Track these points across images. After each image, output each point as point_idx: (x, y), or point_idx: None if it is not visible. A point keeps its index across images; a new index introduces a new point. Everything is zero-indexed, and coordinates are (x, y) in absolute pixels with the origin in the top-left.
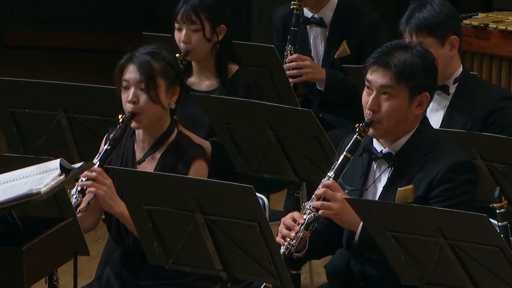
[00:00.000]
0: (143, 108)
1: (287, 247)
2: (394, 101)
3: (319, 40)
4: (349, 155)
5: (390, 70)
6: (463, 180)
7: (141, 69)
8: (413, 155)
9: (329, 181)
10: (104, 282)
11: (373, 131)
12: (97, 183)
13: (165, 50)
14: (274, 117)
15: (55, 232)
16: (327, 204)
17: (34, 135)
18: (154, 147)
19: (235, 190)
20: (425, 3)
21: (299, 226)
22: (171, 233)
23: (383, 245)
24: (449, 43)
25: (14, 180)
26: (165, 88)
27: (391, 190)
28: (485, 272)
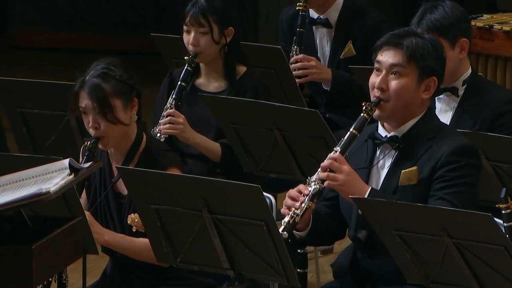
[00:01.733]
0: (105, 131)
1: (291, 215)
2: (403, 80)
3: (325, 41)
4: (355, 132)
5: (402, 49)
6: (466, 162)
7: (93, 95)
8: (418, 139)
9: (336, 155)
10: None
11: (380, 112)
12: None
13: (114, 67)
14: (281, 118)
15: (64, 231)
16: (332, 175)
17: (44, 135)
18: (127, 160)
19: (242, 189)
20: (437, 5)
21: (304, 197)
22: (179, 232)
23: (389, 244)
24: (459, 45)
25: (24, 180)
26: (122, 106)
27: (395, 172)
28: (489, 270)
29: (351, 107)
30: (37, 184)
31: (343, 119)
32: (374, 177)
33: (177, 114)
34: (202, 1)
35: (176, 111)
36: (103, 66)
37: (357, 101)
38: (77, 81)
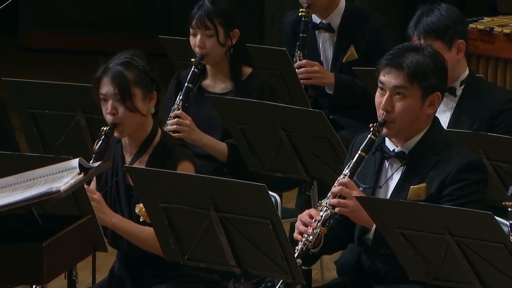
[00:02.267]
0: (123, 118)
1: (304, 243)
2: (407, 101)
3: (327, 45)
4: (363, 154)
5: (403, 71)
6: (474, 180)
7: (115, 81)
8: (425, 154)
9: (345, 179)
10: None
11: (387, 131)
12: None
13: (138, 57)
14: (286, 118)
15: (74, 229)
16: (343, 202)
17: (54, 135)
18: (140, 151)
19: (248, 188)
20: (433, 8)
21: (316, 222)
22: (186, 230)
23: (392, 242)
24: (456, 47)
25: (34, 179)
26: (142, 96)
27: (403, 188)
28: (490, 268)
29: (353, 109)
30: (47, 183)
31: (346, 120)
32: (382, 192)
33: (184, 115)
34: (207, 4)
35: (183, 113)
36: (127, 55)
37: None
38: (100, 68)
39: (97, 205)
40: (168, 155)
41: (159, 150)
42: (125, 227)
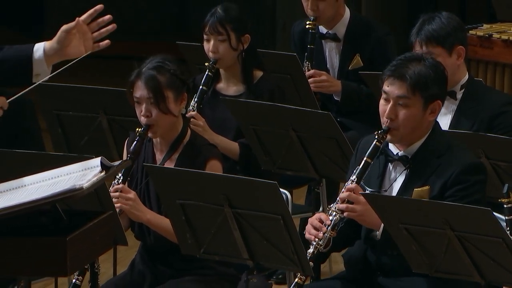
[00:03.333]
0: (156, 120)
1: (315, 246)
2: (409, 110)
3: (334, 53)
4: (369, 160)
5: (406, 82)
6: (474, 181)
7: (148, 85)
8: (428, 158)
9: (353, 185)
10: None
11: (391, 137)
12: (122, 199)
13: (169, 62)
14: (297, 119)
15: (96, 224)
16: (351, 207)
17: (78, 135)
18: (171, 150)
19: (260, 186)
20: (434, 16)
21: (326, 227)
22: (202, 225)
23: (396, 237)
24: (456, 52)
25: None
26: (173, 98)
27: (407, 191)
28: (489, 261)
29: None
30: (71, 181)
31: (353, 122)
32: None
33: (198, 116)
34: (219, 11)
35: (197, 114)
36: (159, 60)
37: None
38: (134, 72)
39: (133, 203)
40: (198, 153)
41: (189, 149)
42: (160, 223)
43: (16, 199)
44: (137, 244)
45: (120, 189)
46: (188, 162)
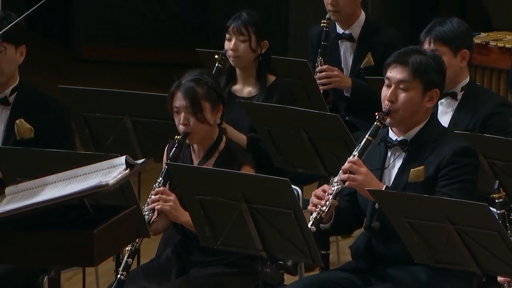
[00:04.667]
0: (193, 128)
1: (318, 212)
2: (409, 93)
3: (348, 53)
4: (370, 138)
5: (408, 67)
6: (466, 162)
7: (187, 96)
8: (424, 142)
9: (354, 159)
10: (163, 259)
11: (390, 120)
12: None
13: (206, 75)
14: (307, 121)
15: (121, 218)
16: (352, 177)
17: (104, 136)
18: (207, 155)
19: (274, 182)
20: (446, 20)
21: (328, 195)
22: (219, 219)
23: (399, 229)
24: (460, 55)
25: (87, 174)
26: (210, 109)
27: (405, 171)
28: (485, 252)
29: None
30: (98, 178)
31: (360, 121)
32: (386, 175)
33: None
34: (244, 15)
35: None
36: (197, 73)
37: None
38: (174, 84)
39: (173, 205)
40: (233, 159)
41: (225, 155)
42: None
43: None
44: (159, 237)
45: (161, 191)
46: (223, 167)
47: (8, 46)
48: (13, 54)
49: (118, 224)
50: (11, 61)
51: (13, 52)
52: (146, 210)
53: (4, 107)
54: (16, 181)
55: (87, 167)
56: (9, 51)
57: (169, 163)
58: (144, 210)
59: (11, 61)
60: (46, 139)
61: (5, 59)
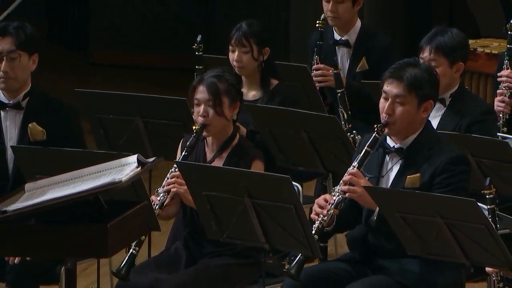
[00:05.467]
0: (211, 120)
1: (320, 222)
2: (405, 107)
3: (345, 58)
4: (369, 149)
5: (403, 82)
6: (459, 170)
7: (209, 89)
8: (420, 150)
9: (354, 170)
10: (173, 251)
11: (388, 130)
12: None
13: (228, 73)
14: (307, 122)
15: (133, 213)
16: (352, 188)
17: (117, 136)
18: (221, 149)
19: (276, 179)
20: (446, 30)
21: (330, 205)
22: (225, 214)
23: (393, 223)
24: (456, 67)
25: (101, 171)
26: (228, 104)
27: (401, 178)
28: (474, 245)
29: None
30: (111, 175)
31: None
32: (384, 181)
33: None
34: (244, 26)
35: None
36: (219, 71)
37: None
38: (196, 79)
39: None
40: (245, 154)
41: (237, 150)
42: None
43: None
44: (168, 231)
45: (177, 175)
46: (236, 160)
47: (22, 54)
48: (27, 61)
49: (130, 218)
50: (24, 68)
51: (26, 60)
52: (161, 192)
53: (18, 112)
54: (35, 178)
55: (101, 165)
56: (23, 59)
57: (178, 161)
58: (158, 192)
59: (24, 68)
60: (57, 140)
61: (19, 66)
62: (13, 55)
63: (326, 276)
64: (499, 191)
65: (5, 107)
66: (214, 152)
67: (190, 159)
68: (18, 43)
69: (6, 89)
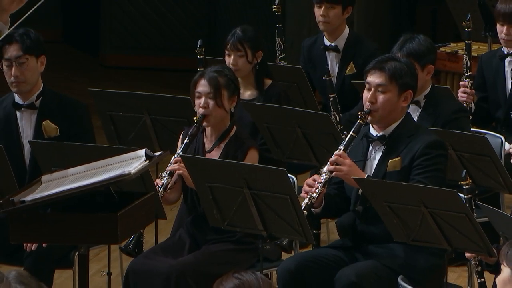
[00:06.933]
0: (211, 111)
1: (309, 199)
2: (387, 95)
3: (334, 62)
4: (354, 134)
5: (385, 72)
6: (436, 154)
7: (210, 82)
8: (400, 137)
9: (340, 152)
10: (177, 237)
11: (371, 118)
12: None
13: (227, 69)
14: (301, 119)
15: (141, 202)
16: (338, 168)
17: (126, 131)
18: (219, 140)
19: (272, 172)
20: (414, 37)
21: (318, 184)
22: (226, 203)
23: (380, 212)
24: (427, 70)
25: (112, 164)
26: (227, 97)
27: (384, 162)
28: (455, 232)
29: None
30: (121, 168)
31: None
32: (368, 166)
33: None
34: (239, 32)
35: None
36: (219, 66)
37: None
38: (198, 73)
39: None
40: (241, 144)
41: (234, 140)
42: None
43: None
44: (174, 218)
45: (179, 160)
46: (232, 150)
47: (30, 58)
48: (35, 64)
49: (138, 208)
50: (33, 70)
51: (34, 63)
52: (165, 176)
53: (32, 111)
54: (51, 170)
55: (112, 159)
56: (31, 62)
57: (182, 155)
58: (162, 176)
59: (33, 70)
60: (69, 136)
61: (28, 69)
62: (21, 60)
63: (319, 261)
64: (479, 182)
65: (20, 107)
66: (213, 143)
67: (190, 149)
68: (25, 48)
69: (19, 92)
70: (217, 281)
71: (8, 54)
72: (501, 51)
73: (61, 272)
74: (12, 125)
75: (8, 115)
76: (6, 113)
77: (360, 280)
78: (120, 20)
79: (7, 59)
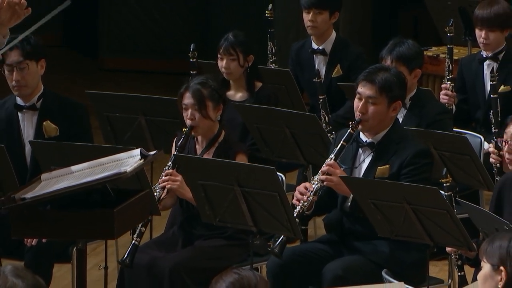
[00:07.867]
0: (198, 122)
1: (301, 207)
2: (377, 107)
3: (321, 65)
4: (344, 143)
5: (375, 85)
6: (423, 163)
7: (194, 96)
8: (389, 144)
9: (331, 162)
10: (171, 233)
11: (362, 127)
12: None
13: (211, 80)
14: (290, 120)
15: (137, 199)
16: (329, 178)
17: (122, 131)
18: (208, 146)
19: (262, 170)
20: (403, 41)
21: (309, 192)
22: (217, 200)
23: (365, 209)
24: (414, 73)
25: (108, 163)
26: (212, 107)
27: (372, 169)
28: (436, 228)
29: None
30: (118, 166)
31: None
32: (357, 172)
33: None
34: (231, 37)
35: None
36: (203, 78)
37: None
38: (183, 86)
39: (180, 184)
40: (230, 148)
41: (223, 145)
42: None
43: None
44: (167, 215)
45: (170, 173)
46: (222, 154)
47: (30, 63)
48: (35, 68)
49: (134, 204)
50: (34, 74)
51: (34, 67)
52: (158, 188)
53: (33, 112)
54: (50, 169)
55: (108, 158)
56: (31, 67)
57: (177, 154)
58: (155, 188)
59: (34, 74)
60: (70, 136)
61: (29, 73)
62: (22, 65)
63: (307, 255)
64: (459, 180)
65: (22, 108)
66: (203, 148)
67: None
68: (25, 53)
69: (20, 95)
70: (216, 276)
71: (9, 60)
72: (480, 55)
73: (60, 266)
74: (14, 125)
75: (10, 116)
76: (8, 114)
77: (346, 273)
78: (118, 24)
79: (8, 65)
